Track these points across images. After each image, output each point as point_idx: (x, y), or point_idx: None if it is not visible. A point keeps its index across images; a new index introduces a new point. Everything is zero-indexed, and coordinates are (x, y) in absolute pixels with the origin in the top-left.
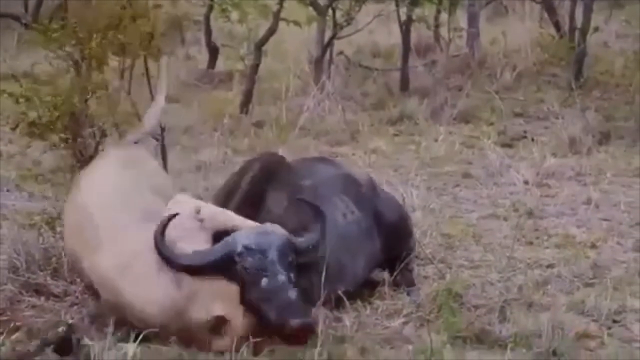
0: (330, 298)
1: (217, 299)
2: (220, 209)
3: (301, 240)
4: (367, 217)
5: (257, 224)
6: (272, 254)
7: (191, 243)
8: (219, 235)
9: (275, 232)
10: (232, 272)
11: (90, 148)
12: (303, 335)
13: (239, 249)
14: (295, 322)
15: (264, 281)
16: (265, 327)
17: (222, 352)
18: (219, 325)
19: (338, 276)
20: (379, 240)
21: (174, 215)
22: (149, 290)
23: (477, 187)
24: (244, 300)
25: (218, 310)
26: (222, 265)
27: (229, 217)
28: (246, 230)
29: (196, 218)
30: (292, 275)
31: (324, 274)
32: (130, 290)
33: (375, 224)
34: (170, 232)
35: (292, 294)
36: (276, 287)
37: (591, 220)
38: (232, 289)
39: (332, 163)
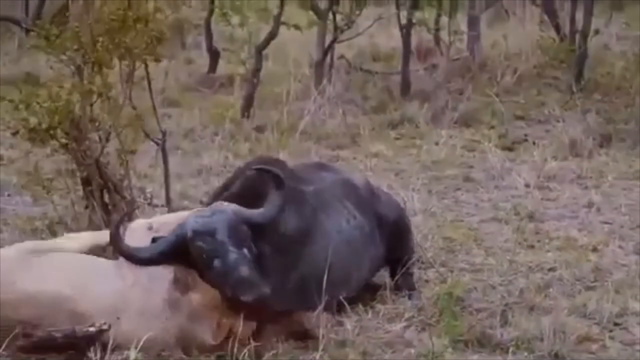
0: (332, 303)
1: (217, 311)
2: (173, 214)
3: (255, 213)
4: (369, 221)
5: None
6: (221, 234)
7: None
8: None
9: (224, 211)
10: (187, 258)
11: (95, 152)
12: (258, 309)
13: (189, 234)
14: (246, 297)
15: (216, 262)
16: (226, 303)
17: (223, 356)
18: (222, 333)
19: (343, 282)
20: (382, 244)
21: (127, 214)
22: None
23: (478, 190)
24: (204, 280)
25: (223, 322)
26: (177, 252)
27: (182, 217)
28: (196, 215)
29: (150, 230)
30: (245, 250)
31: (325, 278)
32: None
33: (376, 226)
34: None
35: (244, 270)
36: (228, 267)
37: (592, 223)
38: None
39: (331, 168)
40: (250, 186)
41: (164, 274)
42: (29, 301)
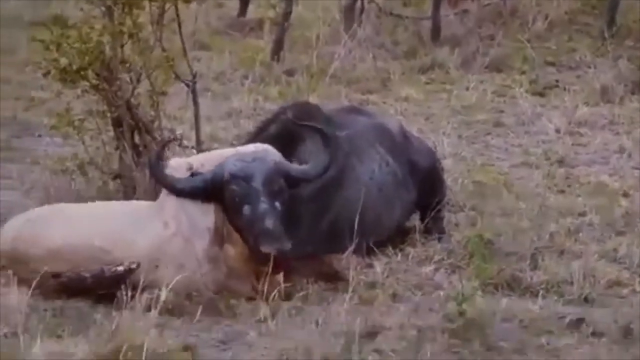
0: (362, 245)
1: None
2: (214, 153)
3: (298, 169)
4: (402, 167)
5: (251, 147)
6: (257, 182)
7: None
8: None
9: (264, 159)
10: (220, 198)
11: (126, 93)
12: (278, 262)
13: (226, 176)
14: (266, 249)
15: (246, 208)
16: (249, 252)
17: (253, 298)
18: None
19: (374, 227)
20: (414, 189)
21: (169, 141)
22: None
23: (508, 135)
24: (233, 227)
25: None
26: (211, 191)
27: (221, 154)
28: (235, 157)
29: (190, 172)
30: (277, 203)
31: (356, 223)
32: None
33: (409, 172)
34: None
35: (270, 222)
36: (256, 216)
37: (624, 168)
38: None
39: (365, 112)
40: (286, 130)
41: (206, 223)
42: (60, 255)
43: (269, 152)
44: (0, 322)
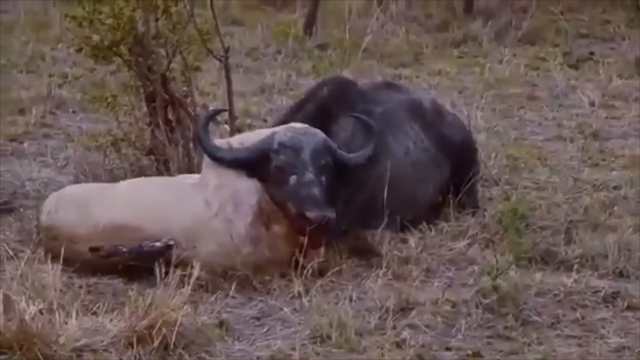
0: (396, 221)
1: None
2: (251, 132)
3: (345, 156)
4: (435, 144)
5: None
6: (305, 154)
7: None
8: None
9: (313, 134)
10: (265, 170)
11: (161, 67)
12: (320, 229)
13: (275, 146)
14: (312, 214)
15: (293, 178)
16: (291, 224)
17: (285, 274)
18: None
19: (408, 204)
20: (447, 166)
21: (219, 111)
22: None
23: (542, 109)
24: (274, 201)
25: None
26: (257, 162)
27: (260, 134)
28: (285, 129)
29: None
30: (322, 178)
31: (390, 199)
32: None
33: (442, 149)
34: None
35: (316, 190)
36: (302, 184)
37: None
38: None
39: (399, 88)
40: (322, 109)
41: (249, 203)
42: (101, 233)
43: (316, 130)
44: (36, 298)
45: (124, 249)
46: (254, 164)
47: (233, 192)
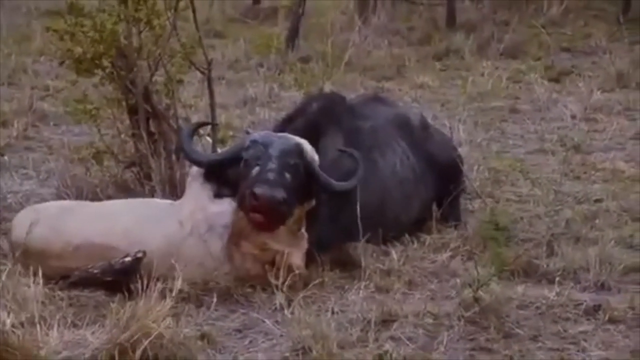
0: (378, 234)
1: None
2: None
3: (328, 180)
4: (421, 162)
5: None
6: (274, 150)
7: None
8: None
9: (290, 137)
10: (238, 169)
11: (144, 80)
12: (268, 208)
13: (247, 143)
14: (259, 190)
15: (255, 170)
16: (241, 206)
17: (270, 285)
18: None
19: (392, 222)
20: (432, 184)
21: (204, 123)
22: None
23: (524, 122)
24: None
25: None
26: (232, 161)
27: None
28: (263, 132)
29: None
30: (287, 175)
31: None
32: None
33: (428, 167)
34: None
35: (272, 175)
36: (261, 171)
37: None
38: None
39: (387, 103)
40: (312, 124)
41: (222, 222)
42: (76, 252)
43: (296, 138)
44: (17, 311)
45: (95, 270)
46: (229, 164)
47: (207, 213)
